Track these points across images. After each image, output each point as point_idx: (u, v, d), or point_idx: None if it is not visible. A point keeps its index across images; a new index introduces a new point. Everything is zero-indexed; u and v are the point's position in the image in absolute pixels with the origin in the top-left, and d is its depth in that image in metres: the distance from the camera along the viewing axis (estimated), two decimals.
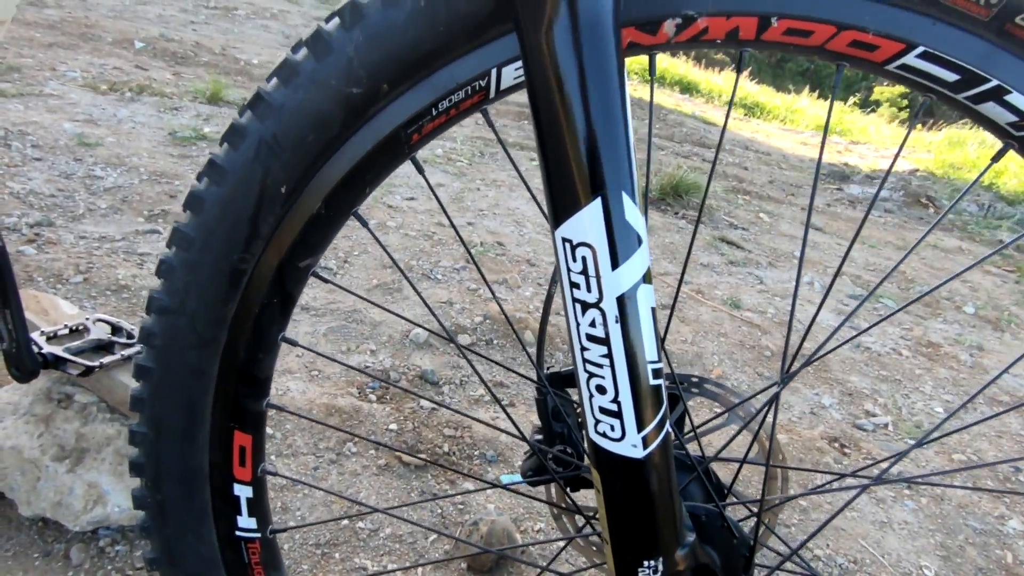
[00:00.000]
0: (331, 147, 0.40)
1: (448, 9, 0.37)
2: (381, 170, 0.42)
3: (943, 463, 1.52)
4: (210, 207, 0.41)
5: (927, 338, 2.29)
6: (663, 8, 0.36)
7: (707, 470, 0.46)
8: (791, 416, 1.59)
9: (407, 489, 1.05)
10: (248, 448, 0.47)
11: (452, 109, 0.40)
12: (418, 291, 0.53)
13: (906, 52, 0.36)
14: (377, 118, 0.39)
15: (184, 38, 4.56)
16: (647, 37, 0.37)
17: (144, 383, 0.45)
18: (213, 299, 0.43)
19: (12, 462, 0.83)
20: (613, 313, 0.31)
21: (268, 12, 6.90)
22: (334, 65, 0.38)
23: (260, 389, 0.47)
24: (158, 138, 2.54)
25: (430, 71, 0.38)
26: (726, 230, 3.03)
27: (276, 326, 0.45)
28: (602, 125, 0.30)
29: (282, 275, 0.43)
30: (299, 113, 0.39)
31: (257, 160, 0.40)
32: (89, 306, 1.37)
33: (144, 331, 0.44)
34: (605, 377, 0.33)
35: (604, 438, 0.34)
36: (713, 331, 1.95)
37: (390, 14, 0.37)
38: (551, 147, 0.31)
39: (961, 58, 0.35)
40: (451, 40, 0.37)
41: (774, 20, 0.36)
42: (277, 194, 0.40)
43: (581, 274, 0.31)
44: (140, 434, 0.46)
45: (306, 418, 0.62)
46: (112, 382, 0.88)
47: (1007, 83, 0.35)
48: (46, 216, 1.73)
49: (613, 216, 0.30)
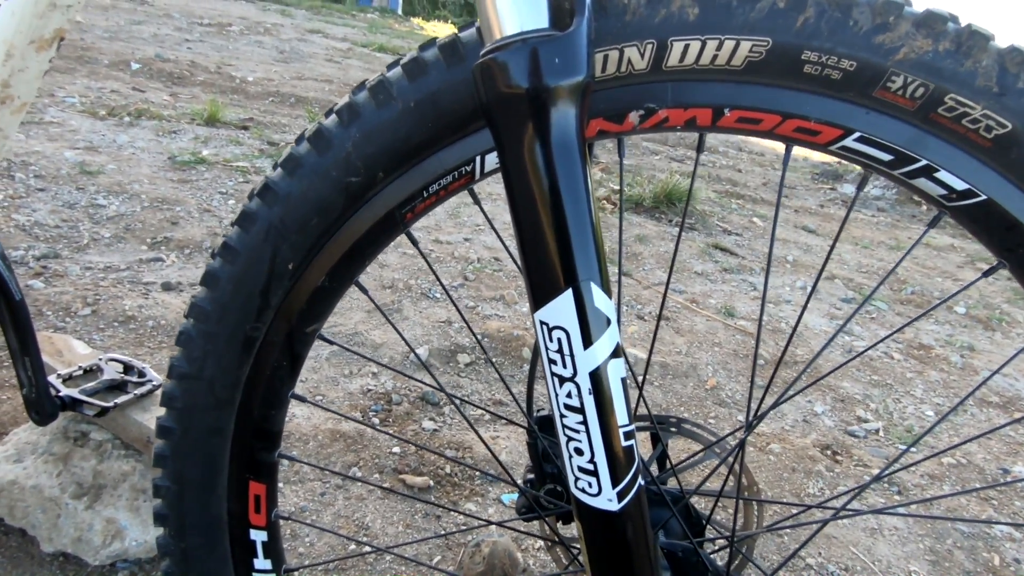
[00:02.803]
0: (333, 228, 0.44)
1: (435, 107, 0.41)
2: (379, 245, 0.46)
3: (932, 467, 1.56)
4: (225, 283, 0.45)
5: (918, 340, 2.34)
6: (628, 103, 0.40)
7: (685, 505, 0.50)
8: (784, 425, 1.63)
9: (411, 512, 1.09)
10: (263, 496, 0.51)
11: (441, 191, 0.44)
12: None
13: (845, 137, 0.40)
14: (374, 201, 0.44)
15: (179, 57, 4.60)
16: (614, 126, 0.41)
17: (166, 441, 0.49)
18: (229, 365, 0.47)
19: (33, 500, 0.87)
20: (586, 386, 0.36)
21: (261, 27, 6.95)
22: (334, 158, 0.42)
23: (272, 442, 0.51)
24: (158, 163, 2.59)
25: (421, 159, 0.42)
26: (720, 236, 3.07)
27: (286, 385, 0.49)
28: (573, 225, 0.34)
29: (291, 340, 0.47)
30: (303, 200, 0.43)
31: (267, 241, 0.44)
32: (98, 338, 1.41)
33: (166, 395, 0.48)
34: (582, 441, 0.37)
35: (584, 493, 0.38)
36: (708, 341, 1.99)
37: (383, 113, 0.41)
38: (528, 244, 0.35)
39: (893, 141, 0.39)
40: (439, 133, 0.42)
41: (726, 111, 0.40)
42: (285, 270, 0.45)
43: (557, 352, 0.36)
44: (164, 487, 0.50)
45: (320, 468, 0.66)
46: (126, 420, 0.92)
47: (935, 162, 0.39)
48: (52, 248, 1.77)
49: (584, 303, 0.35)
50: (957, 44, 0.37)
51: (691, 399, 1.66)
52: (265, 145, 3.06)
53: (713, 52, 0.38)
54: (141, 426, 0.90)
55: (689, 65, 0.39)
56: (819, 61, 0.38)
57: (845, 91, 0.39)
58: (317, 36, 7.25)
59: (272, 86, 4.32)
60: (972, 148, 0.38)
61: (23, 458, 0.90)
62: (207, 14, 6.90)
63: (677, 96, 0.40)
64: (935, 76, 0.37)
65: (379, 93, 0.41)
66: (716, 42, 0.38)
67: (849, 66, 0.37)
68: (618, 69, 0.39)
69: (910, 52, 0.37)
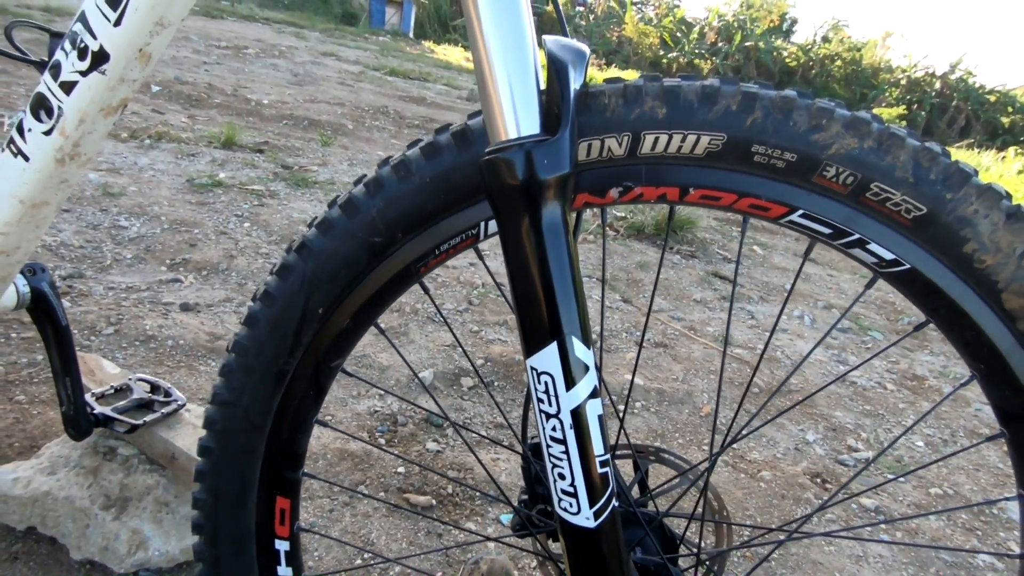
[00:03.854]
0: (358, 278, 0.52)
1: (447, 182, 0.49)
2: (396, 293, 0.53)
3: (920, 497, 1.60)
4: (263, 324, 0.53)
5: (912, 371, 2.39)
6: (608, 181, 0.48)
7: (660, 524, 0.56)
8: (776, 453, 1.68)
9: (414, 529, 1.15)
10: (287, 510, 0.58)
11: (451, 249, 0.51)
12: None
13: (791, 213, 0.47)
14: (393, 257, 0.51)
15: (197, 80, 4.76)
16: (597, 199, 0.49)
17: (206, 459, 0.56)
18: (263, 394, 0.54)
19: (64, 511, 0.94)
20: (568, 422, 0.43)
21: (276, 50, 7.15)
22: (361, 221, 0.50)
23: (297, 462, 0.58)
24: (176, 185, 2.69)
25: (434, 223, 0.50)
26: (719, 264, 3.14)
27: (312, 412, 0.56)
28: (559, 289, 0.41)
29: (317, 373, 0.55)
30: (333, 256, 0.51)
31: (301, 290, 0.51)
32: (121, 357, 1.48)
33: (208, 418, 0.56)
34: (564, 468, 0.44)
35: (566, 512, 0.45)
36: (704, 368, 2.05)
37: (403, 186, 0.49)
38: (521, 303, 0.43)
39: (831, 218, 0.47)
40: (450, 202, 0.49)
41: (691, 189, 0.48)
42: (315, 314, 0.52)
43: (544, 393, 0.43)
44: (201, 500, 0.57)
45: (346, 488, 0.73)
46: (152, 437, 0.99)
47: (866, 236, 0.47)
48: (77, 268, 1.86)
49: (567, 353, 0.42)
50: (879, 142, 0.44)
51: (686, 425, 1.72)
52: (279, 168, 3.17)
53: (678, 143, 0.46)
54: (166, 443, 0.97)
55: (659, 153, 0.46)
56: (766, 152, 0.45)
57: (789, 176, 0.46)
58: (330, 59, 7.45)
59: (286, 109, 4.46)
60: (896, 225, 0.46)
61: (56, 470, 0.97)
62: (224, 36, 7.11)
63: (650, 177, 0.47)
64: (862, 167, 0.44)
65: (400, 170, 0.49)
66: (681, 136, 0.45)
67: (791, 157, 0.45)
68: (600, 155, 0.47)
69: (840, 148, 0.44)
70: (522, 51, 0.42)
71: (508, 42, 0.42)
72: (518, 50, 0.42)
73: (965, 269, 0.45)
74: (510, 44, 0.42)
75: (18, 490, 0.95)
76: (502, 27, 0.41)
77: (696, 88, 0.45)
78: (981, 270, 0.44)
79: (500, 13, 0.41)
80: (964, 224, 0.44)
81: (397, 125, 4.79)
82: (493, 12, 0.41)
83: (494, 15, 0.41)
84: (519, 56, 0.42)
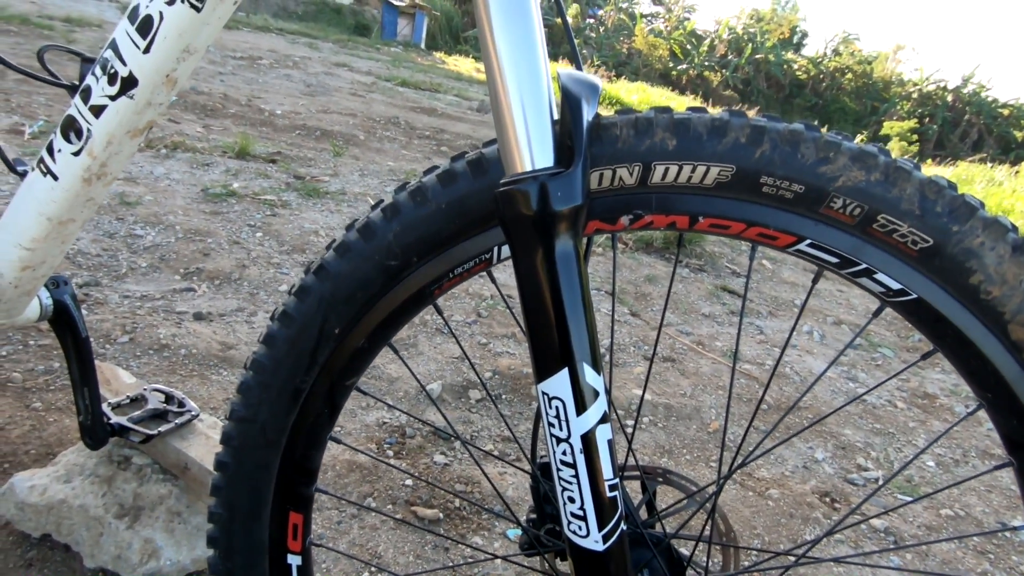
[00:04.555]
0: (373, 300, 0.53)
1: (462, 208, 0.50)
2: (411, 315, 0.54)
3: (931, 518, 1.59)
4: (281, 343, 0.54)
5: (923, 389, 2.37)
6: (619, 209, 0.49)
7: (667, 546, 0.57)
8: (784, 471, 1.67)
9: (421, 543, 1.15)
10: (300, 525, 0.59)
11: (465, 273, 0.53)
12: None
13: (799, 242, 0.48)
14: (408, 279, 0.52)
15: (213, 90, 4.83)
16: (609, 226, 0.50)
17: (222, 474, 0.57)
18: (279, 411, 0.55)
19: (79, 519, 0.96)
20: (578, 446, 0.43)
21: (290, 60, 7.25)
22: (377, 245, 0.51)
23: (311, 478, 0.59)
24: (191, 195, 2.73)
25: (449, 248, 0.52)
26: (728, 279, 3.13)
27: (326, 429, 0.58)
28: (570, 316, 0.42)
29: (332, 392, 0.56)
30: (350, 278, 0.52)
31: (318, 311, 0.53)
32: (135, 365, 1.51)
33: (225, 434, 0.57)
34: (574, 491, 0.44)
35: (575, 535, 0.45)
36: (712, 384, 2.04)
37: (420, 211, 0.50)
38: (533, 329, 0.44)
39: (838, 248, 0.48)
40: (464, 227, 0.51)
41: (700, 218, 0.49)
42: (332, 334, 0.53)
43: (555, 417, 0.44)
44: (217, 514, 0.58)
45: (347, 500, 0.74)
46: (165, 447, 1.01)
47: (873, 266, 0.47)
48: (93, 276, 1.89)
49: (578, 379, 0.43)
50: (886, 175, 0.45)
51: (693, 441, 1.71)
52: (291, 178, 3.21)
53: (688, 174, 0.47)
54: (179, 453, 0.99)
55: (669, 183, 0.47)
56: (774, 184, 0.46)
57: (797, 207, 0.47)
58: (343, 70, 7.54)
59: (299, 119, 4.52)
60: (903, 256, 0.46)
61: (72, 479, 0.99)
62: (239, 47, 7.22)
63: (660, 205, 0.48)
64: (868, 199, 0.45)
65: (417, 196, 0.50)
66: (691, 167, 0.46)
67: (799, 188, 0.46)
68: (611, 184, 0.48)
69: (847, 180, 0.45)
70: (537, 85, 0.43)
71: (523, 76, 0.43)
72: (533, 84, 0.43)
73: (972, 300, 0.45)
74: (525, 78, 0.43)
75: (34, 498, 0.97)
76: (518, 62, 0.43)
77: (706, 121, 0.46)
78: (987, 301, 0.45)
79: (516, 49, 0.43)
80: (970, 256, 0.45)
81: (408, 136, 4.84)
82: (509, 48, 0.43)
83: (510, 51, 0.43)
84: (534, 90, 0.43)
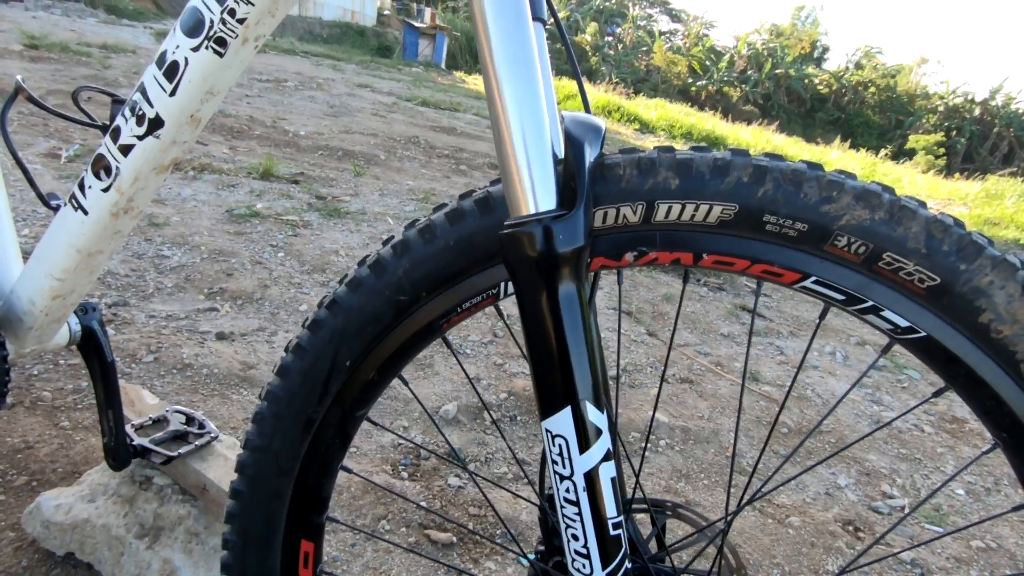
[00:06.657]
0: (383, 333, 0.54)
1: (470, 245, 0.51)
2: (420, 347, 0.56)
3: (960, 549, 1.53)
4: (294, 375, 0.55)
5: (951, 413, 2.30)
6: (624, 246, 0.50)
7: None
8: (805, 497, 1.64)
9: (435, 567, 1.15)
10: (311, 553, 0.60)
11: (472, 307, 0.54)
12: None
13: (804, 279, 0.48)
14: (418, 314, 0.54)
15: (239, 112, 4.97)
16: (613, 263, 0.51)
17: (236, 502, 0.59)
18: (292, 440, 0.57)
19: (102, 538, 0.98)
20: (581, 484, 0.44)
21: (314, 82, 7.43)
22: (387, 281, 0.53)
23: (322, 506, 0.60)
24: (216, 215, 2.80)
25: (457, 283, 0.53)
26: (747, 298, 3.10)
27: (337, 458, 0.59)
28: (574, 355, 0.43)
29: (344, 422, 0.57)
30: (361, 312, 0.53)
31: (331, 343, 0.54)
32: (159, 385, 1.54)
33: (240, 463, 0.58)
34: (577, 529, 0.45)
35: (579, 572, 0.46)
36: (731, 406, 2.01)
37: (428, 248, 0.52)
38: (537, 367, 0.45)
39: (844, 285, 0.48)
40: (472, 264, 0.52)
41: (704, 255, 0.49)
42: (343, 366, 0.55)
43: (559, 455, 0.44)
44: (231, 541, 0.59)
45: (358, 530, 0.75)
46: (185, 468, 1.03)
47: (880, 303, 0.47)
48: (121, 296, 1.95)
49: (581, 417, 0.43)
50: (890, 214, 0.45)
51: (711, 466, 1.69)
52: (313, 199, 3.28)
53: (692, 212, 0.47)
54: (199, 474, 1.01)
55: (673, 221, 0.48)
56: (778, 222, 0.47)
57: (801, 244, 0.47)
58: (365, 90, 7.71)
59: (322, 140, 4.62)
60: (910, 294, 0.46)
61: (95, 498, 1.02)
62: (266, 69, 7.44)
63: (664, 242, 0.49)
64: (873, 238, 0.45)
65: (426, 233, 0.52)
66: (694, 205, 0.47)
67: (802, 227, 0.46)
68: (616, 221, 0.49)
69: (851, 219, 0.45)
70: (539, 129, 0.44)
71: (527, 120, 0.44)
72: (536, 128, 0.44)
73: (982, 338, 0.45)
74: (529, 123, 0.44)
75: (59, 516, 0.99)
76: (521, 106, 0.44)
77: (708, 160, 0.47)
78: (998, 340, 0.44)
79: (519, 93, 0.44)
80: (979, 295, 0.44)
81: (427, 155, 4.91)
82: (513, 92, 0.44)
83: (514, 95, 0.44)
84: (537, 134, 0.44)
